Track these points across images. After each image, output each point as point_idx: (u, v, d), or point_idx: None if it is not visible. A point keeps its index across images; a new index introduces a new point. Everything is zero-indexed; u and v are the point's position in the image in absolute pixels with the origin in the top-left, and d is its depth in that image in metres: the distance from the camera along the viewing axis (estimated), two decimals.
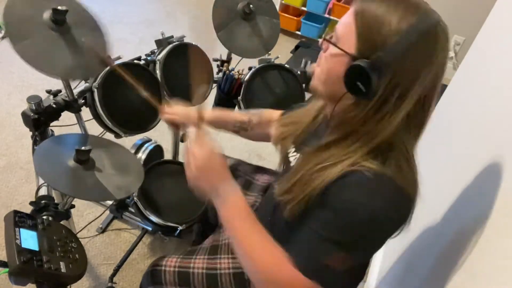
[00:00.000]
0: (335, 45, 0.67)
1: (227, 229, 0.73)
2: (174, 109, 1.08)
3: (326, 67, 0.70)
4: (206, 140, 0.78)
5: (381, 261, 1.45)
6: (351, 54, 0.64)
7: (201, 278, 0.94)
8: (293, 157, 0.87)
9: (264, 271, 0.69)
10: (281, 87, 1.41)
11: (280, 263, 0.67)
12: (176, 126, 1.10)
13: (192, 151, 0.76)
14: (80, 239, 0.87)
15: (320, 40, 0.72)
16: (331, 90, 0.70)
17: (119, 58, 1.17)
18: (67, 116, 1.13)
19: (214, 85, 1.43)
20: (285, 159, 0.90)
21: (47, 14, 0.95)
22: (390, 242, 0.71)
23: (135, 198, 1.27)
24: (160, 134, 1.84)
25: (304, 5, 3.29)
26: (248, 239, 0.71)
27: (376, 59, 0.61)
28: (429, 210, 1.14)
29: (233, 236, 0.73)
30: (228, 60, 1.46)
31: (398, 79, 0.62)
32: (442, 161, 1.25)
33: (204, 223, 1.35)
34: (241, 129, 1.09)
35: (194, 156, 0.75)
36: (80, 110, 1.17)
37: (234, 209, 0.73)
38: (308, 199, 0.69)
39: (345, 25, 0.66)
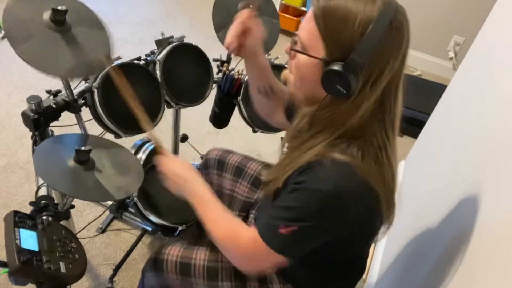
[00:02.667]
0: (304, 53, 0.67)
1: (198, 216, 0.84)
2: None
3: (299, 74, 0.71)
4: (167, 155, 0.96)
5: (381, 261, 1.45)
6: (323, 59, 0.65)
7: (202, 270, 0.95)
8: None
9: (226, 233, 0.79)
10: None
11: (240, 226, 0.79)
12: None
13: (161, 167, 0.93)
14: (80, 239, 0.87)
15: (286, 49, 0.72)
16: (309, 94, 0.72)
17: (119, 58, 1.17)
18: (67, 116, 1.13)
19: (214, 85, 1.43)
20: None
21: (46, 15, 0.95)
22: (390, 243, 0.72)
23: (135, 199, 1.27)
24: (160, 134, 1.84)
25: (304, 5, 3.29)
26: (212, 215, 0.83)
27: (350, 61, 0.62)
28: (429, 210, 1.14)
29: (202, 218, 0.83)
30: (228, 60, 1.46)
31: (371, 72, 0.64)
32: (442, 161, 1.25)
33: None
34: (265, 93, 1.06)
35: (164, 169, 0.93)
36: (80, 110, 1.17)
37: (199, 198, 0.86)
38: (280, 183, 0.76)
39: (308, 30, 0.66)
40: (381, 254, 1.47)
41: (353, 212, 0.68)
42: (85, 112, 1.18)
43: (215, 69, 1.44)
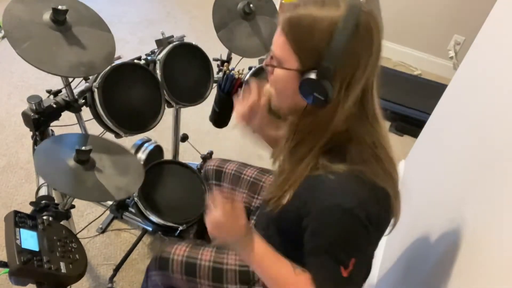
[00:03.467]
0: (280, 67, 0.69)
1: (255, 270, 0.81)
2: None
3: (278, 88, 0.73)
4: (225, 205, 0.80)
5: (381, 262, 1.45)
6: (297, 70, 0.66)
7: (207, 271, 0.95)
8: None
9: None
10: None
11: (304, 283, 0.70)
12: None
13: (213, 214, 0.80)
14: (80, 239, 0.87)
15: (263, 65, 0.74)
16: (291, 105, 0.73)
17: (119, 58, 1.17)
18: (67, 116, 1.13)
19: (214, 85, 1.43)
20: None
21: (47, 14, 0.95)
22: (390, 243, 0.72)
23: (135, 198, 1.27)
24: (160, 134, 1.84)
25: None
26: (275, 274, 0.76)
27: (321, 67, 0.63)
28: (429, 210, 1.14)
29: (261, 273, 0.78)
30: (228, 60, 1.46)
31: (344, 75, 0.64)
32: (442, 161, 1.25)
33: (203, 224, 1.35)
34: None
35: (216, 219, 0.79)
36: (80, 110, 1.17)
37: (254, 254, 0.78)
38: (283, 200, 0.75)
39: (280, 44, 0.67)
40: (381, 255, 1.47)
41: (376, 216, 0.68)
42: (85, 112, 1.18)
43: (215, 69, 1.44)
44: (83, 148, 0.88)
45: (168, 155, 1.74)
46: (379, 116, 0.73)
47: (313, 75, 0.64)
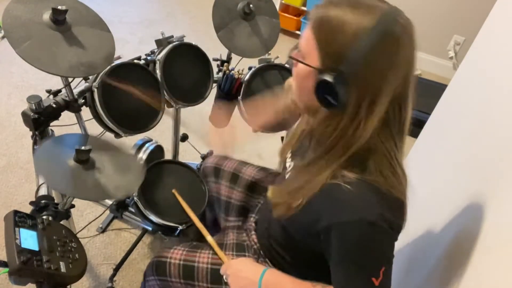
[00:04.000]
0: (300, 61, 0.67)
1: None
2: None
3: (297, 82, 0.72)
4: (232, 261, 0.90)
5: None
6: (316, 68, 0.65)
7: (205, 273, 0.95)
8: (288, 163, 0.90)
9: None
10: (281, 87, 1.41)
11: None
12: None
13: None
14: (80, 239, 0.87)
15: (287, 57, 0.73)
16: (307, 103, 0.72)
17: (119, 58, 1.17)
18: (67, 116, 1.13)
19: (214, 85, 1.43)
20: (282, 164, 0.94)
21: (46, 14, 0.95)
22: None
23: (135, 198, 1.27)
24: (160, 134, 1.84)
25: (304, 5, 3.29)
26: None
27: (340, 71, 0.61)
28: (429, 210, 1.14)
29: None
30: (228, 60, 1.46)
31: (365, 85, 0.62)
32: (442, 162, 1.25)
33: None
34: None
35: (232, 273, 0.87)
36: (80, 110, 1.17)
37: (272, 282, 0.81)
38: (295, 206, 0.75)
39: (306, 39, 0.66)
40: None
41: (395, 223, 0.68)
42: (85, 112, 1.18)
43: (215, 69, 1.43)
44: (83, 148, 0.88)
45: (168, 155, 1.74)
46: (406, 130, 0.71)
47: (328, 77, 0.62)
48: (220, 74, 1.42)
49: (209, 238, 1.02)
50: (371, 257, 0.67)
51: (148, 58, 1.28)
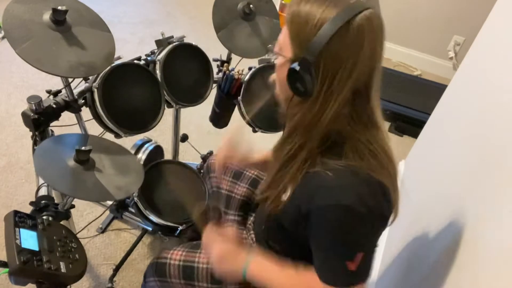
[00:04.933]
0: (278, 53, 0.72)
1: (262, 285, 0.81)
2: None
3: (278, 75, 0.76)
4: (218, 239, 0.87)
5: (380, 262, 1.45)
6: (289, 59, 0.69)
7: (206, 273, 0.95)
8: None
9: None
10: None
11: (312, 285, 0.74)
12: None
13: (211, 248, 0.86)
14: (80, 239, 0.87)
15: (269, 51, 0.76)
16: (285, 95, 0.75)
17: (119, 58, 1.17)
18: (67, 116, 1.13)
19: (214, 85, 1.43)
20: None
21: (47, 15, 0.95)
22: (390, 241, 0.72)
23: (135, 198, 1.27)
24: (160, 134, 1.84)
25: None
26: (277, 282, 0.79)
27: (305, 59, 0.65)
28: (429, 210, 1.14)
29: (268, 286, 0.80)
30: (228, 60, 1.46)
31: (325, 71, 0.66)
32: (442, 161, 1.25)
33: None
34: None
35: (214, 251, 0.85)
36: (80, 110, 1.17)
37: (257, 272, 0.81)
38: (283, 199, 0.78)
39: (283, 33, 0.71)
40: (381, 255, 1.47)
41: (376, 210, 0.69)
42: (85, 112, 1.18)
43: (215, 69, 1.44)
44: (83, 148, 0.88)
45: (168, 155, 1.74)
46: (378, 120, 0.73)
47: (296, 66, 0.67)
48: (220, 74, 1.42)
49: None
50: (347, 241, 0.69)
51: (148, 58, 1.28)
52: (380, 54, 0.68)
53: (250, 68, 1.41)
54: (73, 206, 0.99)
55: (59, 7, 0.93)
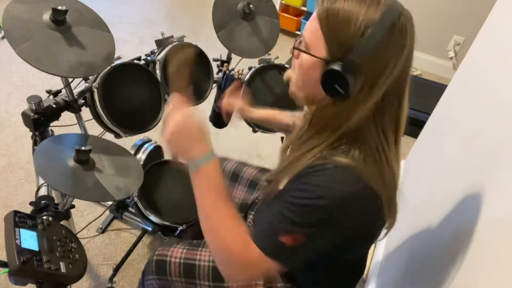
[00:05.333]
0: (307, 52, 0.68)
1: (195, 196, 0.73)
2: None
3: (301, 73, 0.72)
4: (184, 106, 0.75)
5: (381, 262, 1.45)
6: (324, 59, 0.66)
7: (207, 271, 0.94)
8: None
9: (227, 251, 0.71)
10: (281, 87, 1.41)
11: (242, 243, 0.70)
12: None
13: (170, 115, 0.74)
14: (80, 239, 0.87)
15: (291, 48, 0.73)
16: (310, 94, 0.73)
17: (119, 58, 1.17)
18: (67, 116, 1.13)
19: (214, 85, 1.43)
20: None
21: (46, 15, 0.95)
22: (390, 242, 0.72)
23: (135, 198, 1.28)
24: (160, 134, 1.84)
25: (304, 5, 3.29)
26: (213, 212, 0.72)
27: (349, 61, 0.63)
28: (429, 210, 1.14)
29: (199, 203, 0.72)
30: (228, 60, 1.46)
31: (369, 73, 0.64)
32: (442, 161, 1.25)
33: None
34: (286, 132, 1.13)
35: (172, 120, 0.73)
36: (80, 110, 1.17)
37: (204, 176, 0.72)
38: (280, 185, 0.74)
39: (312, 31, 0.67)
40: (381, 254, 1.47)
41: (356, 216, 0.68)
42: (85, 112, 1.18)
43: (215, 69, 1.44)
44: (83, 148, 0.88)
45: (168, 155, 1.74)
46: (400, 127, 0.71)
47: (338, 67, 0.64)
48: (220, 74, 1.42)
49: None
50: (300, 214, 0.66)
51: (148, 58, 1.28)
52: (413, 52, 0.67)
53: (250, 68, 1.41)
54: (73, 206, 0.99)
55: (59, 7, 0.93)
